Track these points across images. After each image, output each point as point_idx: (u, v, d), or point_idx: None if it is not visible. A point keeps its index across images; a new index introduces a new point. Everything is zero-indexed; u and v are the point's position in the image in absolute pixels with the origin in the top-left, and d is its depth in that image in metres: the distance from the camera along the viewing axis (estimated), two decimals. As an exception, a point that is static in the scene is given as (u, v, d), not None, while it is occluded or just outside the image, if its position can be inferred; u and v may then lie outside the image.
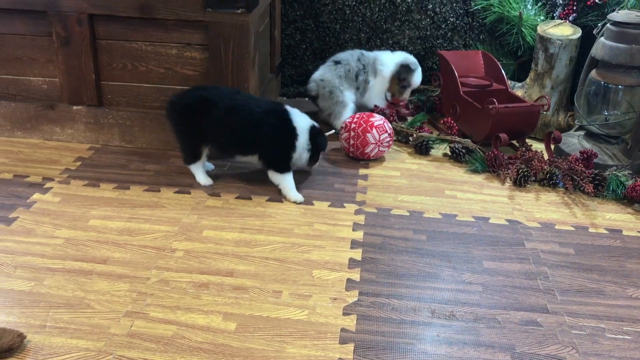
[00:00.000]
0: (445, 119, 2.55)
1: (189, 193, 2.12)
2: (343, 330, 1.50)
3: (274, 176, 2.13)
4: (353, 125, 2.37)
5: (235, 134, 2.10)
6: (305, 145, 2.13)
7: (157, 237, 1.86)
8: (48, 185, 2.13)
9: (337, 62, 2.67)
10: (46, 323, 1.49)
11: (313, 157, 2.19)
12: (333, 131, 2.40)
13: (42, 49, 2.35)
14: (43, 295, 1.58)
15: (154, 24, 2.26)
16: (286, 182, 2.12)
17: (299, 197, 2.11)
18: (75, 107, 2.41)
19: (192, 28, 2.25)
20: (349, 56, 2.70)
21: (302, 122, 2.13)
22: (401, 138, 2.60)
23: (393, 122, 2.64)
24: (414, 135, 2.55)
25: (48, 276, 1.66)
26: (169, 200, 2.07)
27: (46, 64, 2.38)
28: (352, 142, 2.37)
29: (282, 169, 2.12)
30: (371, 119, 2.37)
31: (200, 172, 2.19)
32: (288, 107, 2.14)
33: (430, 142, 2.51)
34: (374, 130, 2.35)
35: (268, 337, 1.47)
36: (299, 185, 2.19)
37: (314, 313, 1.56)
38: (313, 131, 2.15)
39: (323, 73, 2.66)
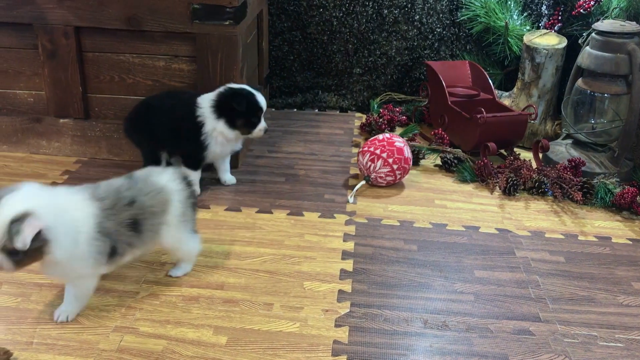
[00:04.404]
0: (436, 130, 2.56)
1: (178, 205, 2.10)
2: (335, 342, 1.49)
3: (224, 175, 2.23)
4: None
5: (167, 134, 2.12)
6: (217, 123, 2.03)
7: (146, 250, 1.84)
8: (34, 199, 2.11)
9: None
10: (33, 339, 1.46)
11: (243, 125, 2.05)
12: (363, 182, 2.28)
13: (28, 61, 2.33)
14: (30, 311, 1.56)
15: (141, 36, 2.25)
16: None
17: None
18: (62, 120, 2.39)
19: (179, 40, 2.24)
20: None
21: (207, 101, 2.05)
22: None
23: (385, 131, 2.64)
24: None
25: (35, 292, 1.63)
26: (157, 213, 2.05)
27: (32, 77, 2.36)
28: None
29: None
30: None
31: None
32: (202, 94, 2.09)
33: (422, 152, 2.50)
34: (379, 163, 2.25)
35: (260, 351, 1.45)
36: (288, 197, 2.18)
37: (306, 325, 1.55)
38: (222, 99, 2.03)
39: None
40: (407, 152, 2.27)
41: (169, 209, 1.56)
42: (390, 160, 2.23)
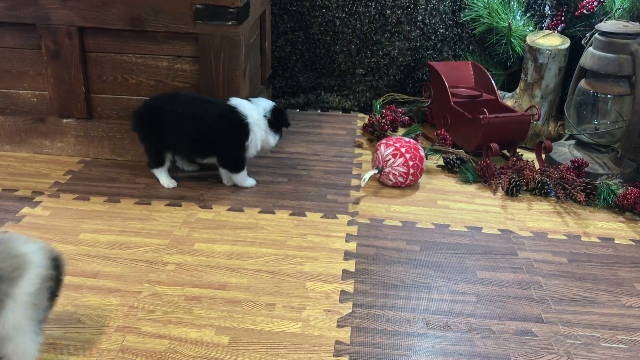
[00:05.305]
0: (439, 131, 2.55)
1: (180, 206, 2.10)
2: (337, 342, 1.49)
3: (228, 175, 2.25)
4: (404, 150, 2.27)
5: (190, 140, 2.17)
6: (265, 132, 2.19)
7: (148, 250, 1.84)
8: (38, 199, 2.11)
9: None
10: (36, 339, 1.46)
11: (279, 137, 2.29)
12: (375, 171, 2.28)
13: (32, 62, 2.34)
14: (33, 310, 1.56)
15: (144, 37, 2.25)
16: (241, 176, 2.24)
17: (252, 181, 2.27)
18: (65, 120, 2.39)
19: (182, 40, 2.24)
20: None
21: (254, 113, 2.16)
22: None
23: (388, 131, 2.65)
24: None
25: (38, 291, 1.63)
26: (160, 213, 2.05)
27: (36, 77, 2.36)
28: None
29: (238, 168, 2.22)
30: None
31: (163, 175, 2.24)
32: (237, 103, 2.15)
33: (425, 153, 2.50)
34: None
35: (262, 351, 1.45)
36: (290, 197, 2.18)
37: (308, 325, 1.55)
38: (280, 116, 2.22)
39: None
40: (425, 164, 2.30)
41: (20, 281, 1.24)
42: (411, 163, 2.23)
